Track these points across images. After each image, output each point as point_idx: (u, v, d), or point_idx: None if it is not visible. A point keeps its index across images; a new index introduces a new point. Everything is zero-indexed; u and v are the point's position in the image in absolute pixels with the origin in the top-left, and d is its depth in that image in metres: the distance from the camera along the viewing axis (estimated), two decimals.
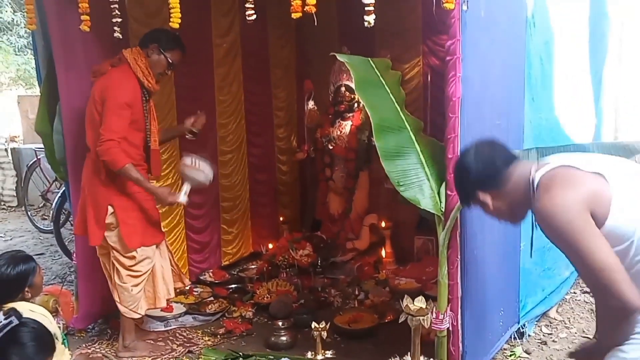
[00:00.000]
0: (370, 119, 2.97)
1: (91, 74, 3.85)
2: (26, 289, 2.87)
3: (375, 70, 3.13)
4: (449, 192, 2.95)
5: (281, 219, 6.19)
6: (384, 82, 3.12)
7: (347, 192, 5.60)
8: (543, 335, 4.09)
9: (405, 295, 2.35)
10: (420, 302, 2.28)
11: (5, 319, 2.34)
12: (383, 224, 5.42)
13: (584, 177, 1.96)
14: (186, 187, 3.90)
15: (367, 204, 5.59)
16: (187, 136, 4.30)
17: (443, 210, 2.98)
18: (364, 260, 5.36)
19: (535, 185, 2.01)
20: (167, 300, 4.16)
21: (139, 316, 4.00)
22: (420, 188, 2.98)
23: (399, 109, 3.10)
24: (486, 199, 2.17)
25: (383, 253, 5.32)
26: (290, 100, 6.36)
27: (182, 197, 3.89)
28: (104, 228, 3.80)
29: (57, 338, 2.71)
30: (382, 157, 2.95)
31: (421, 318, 2.24)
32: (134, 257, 3.84)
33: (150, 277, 3.96)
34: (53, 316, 3.46)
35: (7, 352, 2.29)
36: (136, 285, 3.87)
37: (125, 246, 3.80)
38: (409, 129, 3.07)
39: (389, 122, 3.03)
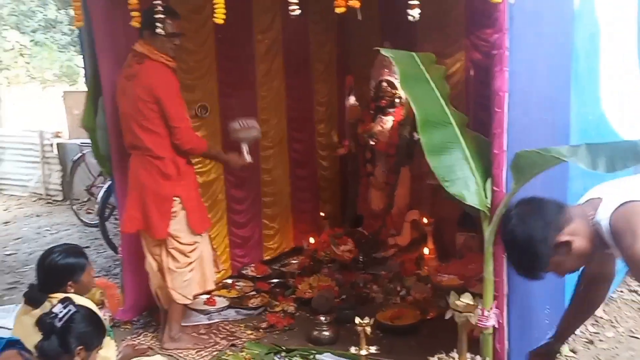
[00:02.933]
0: (415, 113, 2.94)
1: (124, 78, 3.88)
2: (69, 283, 2.91)
3: (420, 64, 3.11)
4: (495, 188, 2.92)
5: (322, 214, 6.20)
6: (428, 77, 3.09)
7: (389, 188, 5.58)
8: (589, 335, 4.02)
9: (452, 292, 2.33)
10: (467, 299, 2.26)
11: (64, 307, 2.40)
12: (425, 220, 5.38)
13: None
14: (245, 148, 4.16)
15: (409, 200, 5.56)
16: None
17: (489, 206, 2.94)
18: (406, 257, 5.33)
19: (607, 229, 1.93)
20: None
21: (190, 301, 4.13)
22: (466, 184, 2.95)
23: (443, 104, 3.07)
24: (558, 259, 2.10)
25: (425, 250, 5.28)
26: (331, 96, 6.35)
27: (248, 157, 4.19)
28: (170, 220, 3.90)
29: None
30: (427, 153, 2.93)
31: (468, 315, 2.22)
32: (194, 242, 3.99)
33: (198, 261, 4.07)
34: (100, 308, 3.54)
35: (66, 339, 2.34)
36: (192, 270, 4.02)
37: (192, 232, 3.96)
38: (454, 124, 3.04)
39: (434, 117, 3.00)
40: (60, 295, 2.83)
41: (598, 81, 3.99)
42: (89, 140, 4.81)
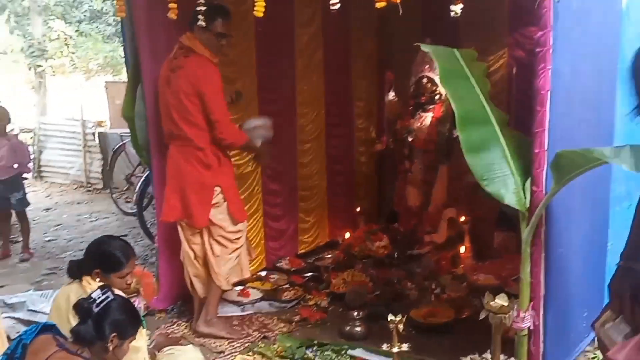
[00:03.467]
0: (455, 110, 2.90)
1: (169, 70, 3.92)
2: (98, 272, 2.95)
3: (461, 61, 3.07)
4: (534, 188, 2.87)
5: (358, 209, 6.18)
6: (469, 74, 3.05)
7: (426, 185, 5.53)
8: None
9: (487, 292, 2.29)
10: (502, 300, 2.23)
11: (102, 293, 2.44)
12: (462, 219, 5.32)
13: None
14: (259, 143, 4.29)
15: (446, 198, 5.50)
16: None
17: (528, 206, 2.89)
18: (442, 255, 5.28)
19: None
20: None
21: (230, 288, 4.23)
22: (504, 183, 2.90)
23: (484, 101, 3.02)
24: None
25: (462, 248, 5.22)
26: (371, 91, 6.32)
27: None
28: (210, 209, 3.97)
29: None
30: (465, 150, 2.88)
31: (503, 316, 2.19)
32: (239, 230, 4.09)
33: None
34: (134, 296, 3.60)
35: (102, 325, 2.38)
36: (238, 256, 4.13)
37: (235, 221, 4.05)
38: (494, 121, 2.99)
39: (474, 114, 2.95)
40: (93, 280, 2.89)
41: None
42: (129, 130, 4.87)
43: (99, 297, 2.42)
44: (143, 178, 6.61)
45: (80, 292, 2.75)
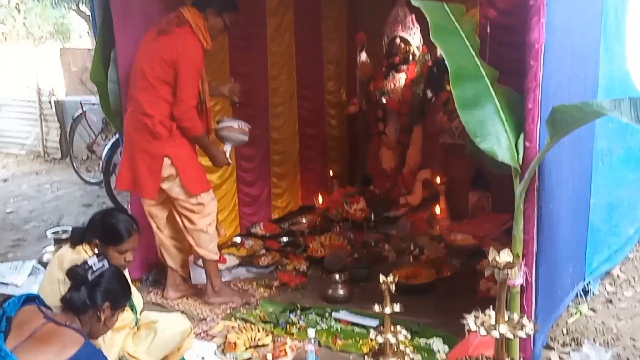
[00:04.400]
0: (448, 66, 2.83)
1: (156, 32, 3.77)
2: (97, 242, 2.84)
3: (451, 16, 2.99)
4: (527, 144, 2.83)
5: (330, 173, 6.13)
6: (460, 29, 2.98)
7: (400, 147, 5.51)
8: (607, 294, 4.00)
9: (491, 248, 2.27)
10: (507, 255, 2.20)
11: (99, 261, 2.34)
12: (437, 180, 5.31)
13: None
14: (228, 148, 4.06)
15: (421, 159, 5.49)
16: (232, 104, 4.39)
17: (521, 162, 2.86)
18: (417, 216, 5.29)
19: None
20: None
21: (217, 257, 4.09)
22: (498, 139, 2.84)
23: (475, 57, 2.96)
24: None
25: (437, 209, 5.22)
26: (341, 53, 6.24)
27: (228, 157, 4.09)
28: (159, 181, 3.81)
29: None
30: (458, 107, 2.82)
31: (509, 271, 2.17)
32: (202, 203, 3.89)
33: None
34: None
35: (94, 292, 2.29)
36: (210, 225, 3.96)
37: (189, 193, 3.84)
38: (486, 78, 2.94)
39: (467, 70, 2.88)
40: (90, 250, 2.79)
41: (625, 39, 3.91)
42: (89, 98, 4.70)
43: (96, 265, 2.32)
44: (109, 145, 6.42)
45: (74, 259, 2.64)
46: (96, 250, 2.78)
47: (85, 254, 2.73)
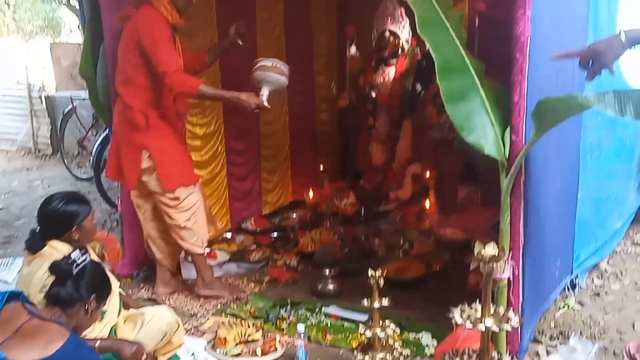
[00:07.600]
0: (434, 60, 2.83)
1: (118, 21, 3.77)
2: (74, 229, 2.82)
3: (437, 8, 2.99)
4: (513, 137, 2.83)
5: (321, 168, 6.12)
6: (446, 22, 2.97)
7: (390, 141, 5.50)
8: (595, 287, 4.01)
9: (477, 242, 2.27)
10: (492, 249, 2.20)
11: (81, 254, 2.33)
12: (427, 174, 5.31)
13: None
14: (266, 91, 3.72)
15: (410, 153, 5.48)
16: (239, 41, 4.11)
17: (507, 156, 2.86)
18: (407, 210, 5.29)
19: None
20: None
21: (203, 250, 4.06)
22: (484, 133, 2.84)
23: (462, 50, 2.95)
24: None
25: (427, 203, 5.22)
26: (331, 47, 6.23)
27: (266, 102, 3.70)
28: (139, 173, 3.80)
29: None
30: (445, 100, 2.81)
31: (495, 264, 2.17)
32: (177, 198, 3.83)
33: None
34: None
35: (80, 285, 2.28)
36: (188, 220, 3.89)
37: (162, 188, 3.80)
38: (472, 71, 2.93)
39: (453, 63, 2.87)
40: (62, 243, 2.76)
41: (615, 32, 3.89)
42: (79, 93, 4.68)
43: (79, 258, 2.31)
44: (99, 141, 6.39)
45: (53, 257, 2.61)
46: (77, 238, 2.77)
47: (57, 249, 2.70)
